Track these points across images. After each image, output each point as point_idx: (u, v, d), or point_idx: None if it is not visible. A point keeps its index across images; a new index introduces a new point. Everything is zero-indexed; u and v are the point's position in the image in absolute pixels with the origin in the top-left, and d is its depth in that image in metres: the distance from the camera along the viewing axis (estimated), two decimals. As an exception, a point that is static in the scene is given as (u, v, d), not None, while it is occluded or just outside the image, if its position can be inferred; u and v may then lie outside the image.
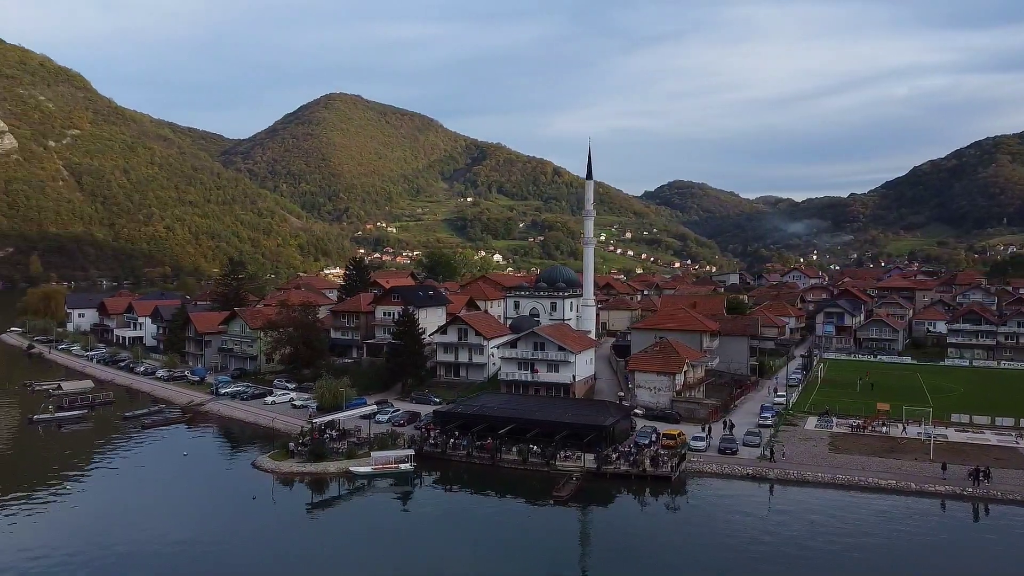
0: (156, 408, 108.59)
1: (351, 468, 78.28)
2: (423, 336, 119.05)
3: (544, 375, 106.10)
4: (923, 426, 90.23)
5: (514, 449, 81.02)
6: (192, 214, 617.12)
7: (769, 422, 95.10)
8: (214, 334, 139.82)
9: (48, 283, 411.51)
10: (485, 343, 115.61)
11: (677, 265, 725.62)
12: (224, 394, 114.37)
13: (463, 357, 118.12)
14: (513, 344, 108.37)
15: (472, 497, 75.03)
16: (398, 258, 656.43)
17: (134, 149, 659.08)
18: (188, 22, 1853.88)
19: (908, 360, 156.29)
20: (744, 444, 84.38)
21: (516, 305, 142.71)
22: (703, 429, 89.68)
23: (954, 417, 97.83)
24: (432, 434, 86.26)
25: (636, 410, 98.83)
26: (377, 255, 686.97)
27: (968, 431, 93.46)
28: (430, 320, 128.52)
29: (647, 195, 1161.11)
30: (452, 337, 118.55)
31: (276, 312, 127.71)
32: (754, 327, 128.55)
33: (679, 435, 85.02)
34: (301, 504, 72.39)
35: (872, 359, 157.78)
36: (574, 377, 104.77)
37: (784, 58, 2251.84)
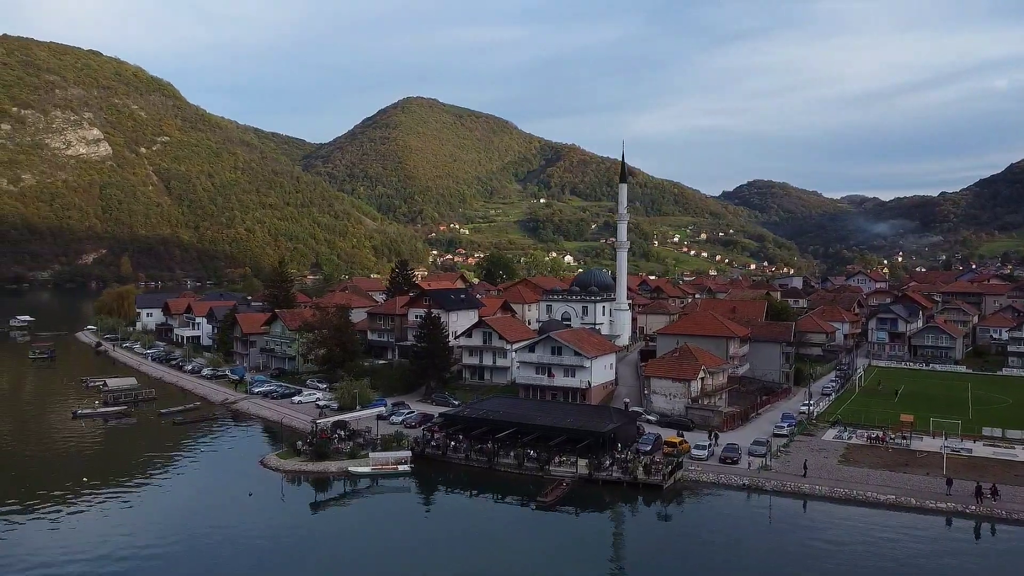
0: (191, 406, 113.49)
1: (350, 468, 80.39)
2: (449, 339, 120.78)
3: (560, 379, 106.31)
4: (945, 439, 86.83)
5: (511, 453, 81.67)
6: (271, 217, 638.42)
7: (784, 431, 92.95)
8: (258, 335, 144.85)
9: (136, 283, 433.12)
10: (508, 347, 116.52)
11: (752, 267, 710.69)
12: (256, 393, 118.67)
13: (487, 360, 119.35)
14: (531, 348, 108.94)
15: (464, 500, 76.14)
16: (469, 259, 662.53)
17: (219, 155, 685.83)
18: (275, 32, 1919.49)
19: (963, 369, 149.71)
20: (749, 454, 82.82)
21: (549, 309, 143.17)
22: (710, 436, 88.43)
23: (985, 431, 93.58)
24: (435, 437, 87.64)
25: (650, 417, 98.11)
26: (449, 256, 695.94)
27: (998, 446, 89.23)
28: (461, 323, 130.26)
29: (725, 195, 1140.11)
30: (477, 340, 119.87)
31: (312, 314, 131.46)
32: (787, 333, 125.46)
33: (680, 443, 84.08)
34: (306, 502, 74.73)
35: (924, 367, 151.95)
36: (590, 383, 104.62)
37: (874, 52, 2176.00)
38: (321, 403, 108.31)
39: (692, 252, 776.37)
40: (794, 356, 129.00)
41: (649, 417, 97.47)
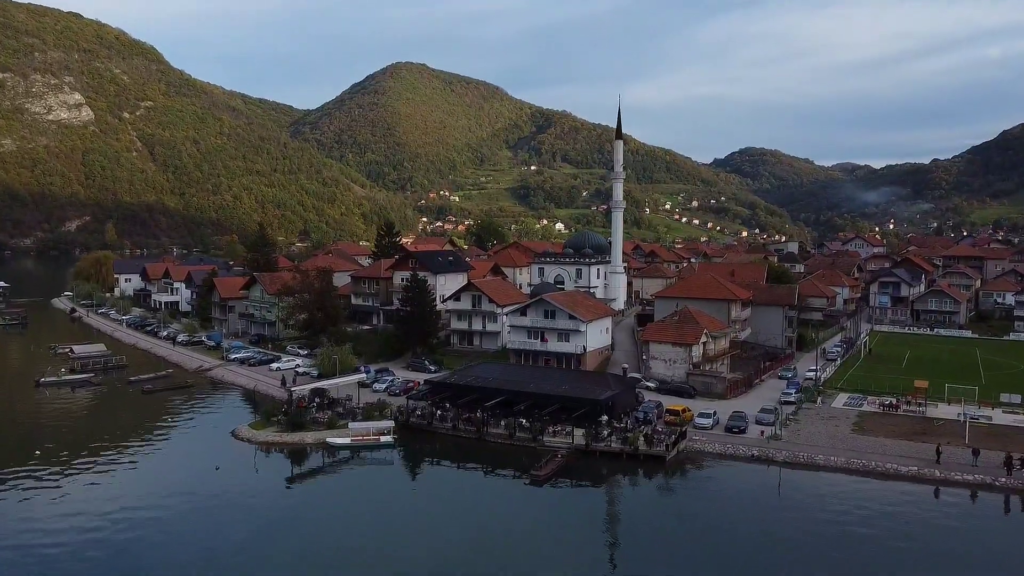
0: (163, 373, 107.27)
1: (328, 439, 74.58)
2: (436, 303, 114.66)
3: (554, 345, 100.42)
4: (963, 406, 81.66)
5: (502, 423, 75.95)
6: (259, 183, 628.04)
7: (792, 398, 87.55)
8: (237, 299, 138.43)
9: (121, 250, 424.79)
10: (499, 311, 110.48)
11: (744, 234, 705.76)
12: (233, 360, 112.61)
13: (476, 325, 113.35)
14: (522, 311, 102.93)
15: (451, 473, 70.50)
16: (460, 227, 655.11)
17: (204, 120, 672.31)
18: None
19: (968, 334, 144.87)
20: (756, 423, 77.35)
21: (541, 272, 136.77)
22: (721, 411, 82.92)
23: (1003, 397, 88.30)
24: (419, 405, 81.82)
25: (649, 383, 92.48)
26: (439, 223, 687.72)
27: (1018, 413, 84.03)
28: (449, 287, 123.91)
29: (716, 163, 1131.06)
30: (465, 304, 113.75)
31: (292, 277, 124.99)
32: (790, 297, 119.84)
33: (684, 411, 78.54)
34: (281, 476, 68.81)
35: (929, 332, 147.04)
36: (584, 348, 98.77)
37: (870, 20, 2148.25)
38: (300, 370, 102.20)
39: (683, 219, 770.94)
40: (796, 321, 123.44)
41: (648, 384, 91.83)
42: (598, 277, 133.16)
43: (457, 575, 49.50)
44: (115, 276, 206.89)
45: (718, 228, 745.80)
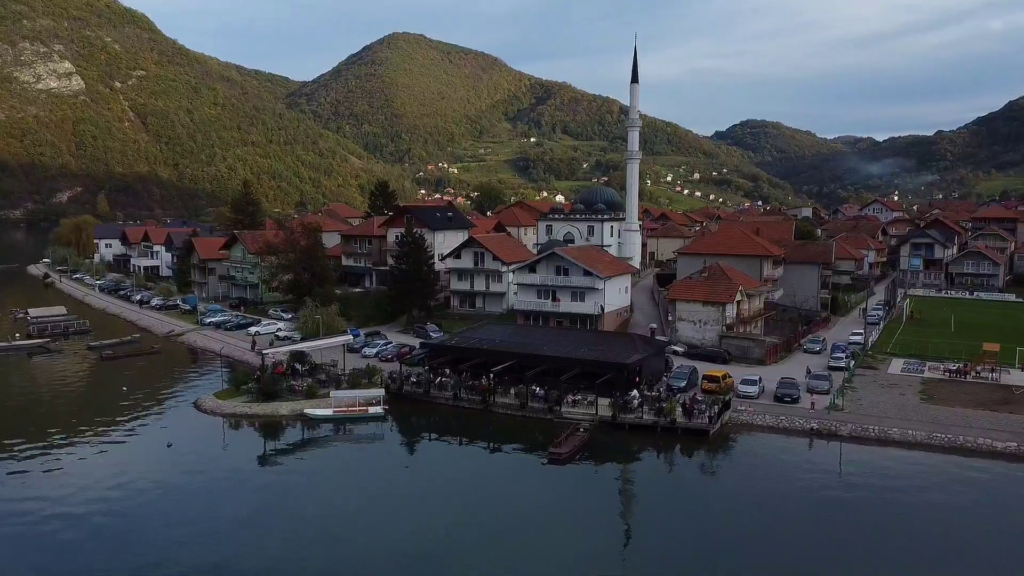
0: (127, 338, 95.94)
1: (307, 411, 63.34)
2: (434, 262, 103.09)
3: (567, 305, 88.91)
4: (1046, 372, 70.54)
5: (512, 391, 64.65)
6: (253, 154, 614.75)
7: (842, 364, 76.28)
8: (217, 260, 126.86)
9: (113, 222, 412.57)
10: (504, 269, 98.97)
11: (747, 205, 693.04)
12: (208, 324, 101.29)
13: (479, 285, 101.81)
14: (532, 268, 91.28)
15: (452, 451, 59.11)
16: (459, 199, 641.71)
17: (197, 90, 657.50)
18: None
19: (1012, 298, 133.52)
20: (809, 391, 66.10)
21: (549, 230, 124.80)
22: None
23: (1083, 362, 77.00)
24: (415, 372, 70.51)
25: (676, 348, 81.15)
26: (438, 196, 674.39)
27: (1105, 379, 72.81)
28: (448, 245, 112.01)
29: (717, 135, 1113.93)
30: (467, 262, 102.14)
31: (276, 234, 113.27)
32: (827, 255, 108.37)
33: (724, 377, 67.24)
34: (252, 454, 57.45)
35: (968, 296, 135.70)
36: (602, 307, 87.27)
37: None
38: (282, 334, 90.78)
39: (685, 191, 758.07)
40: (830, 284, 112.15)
41: (675, 348, 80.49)
42: (612, 235, 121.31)
43: (461, 572, 38.63)
44: (95, 241, 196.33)
45: (720, 200, 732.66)
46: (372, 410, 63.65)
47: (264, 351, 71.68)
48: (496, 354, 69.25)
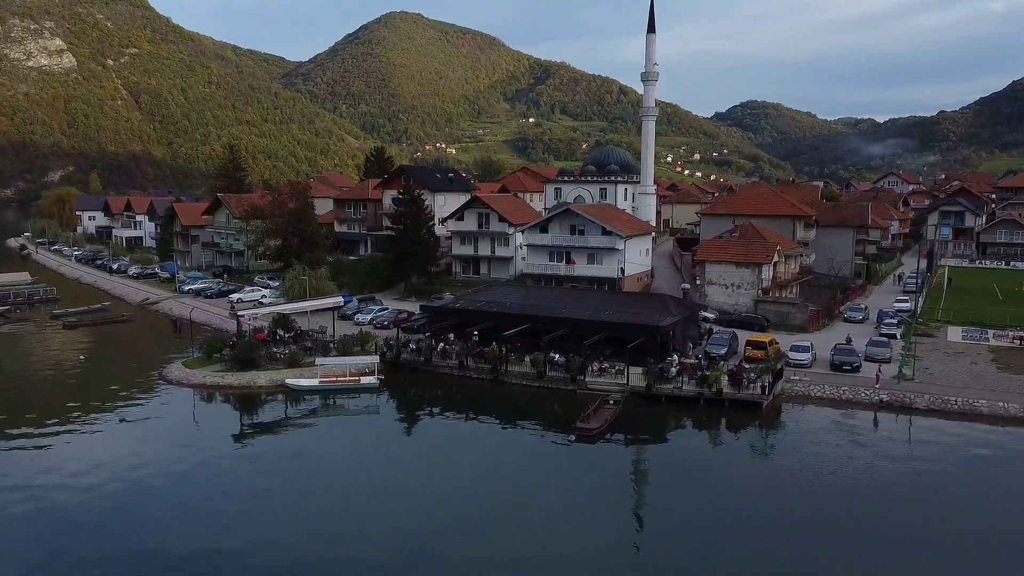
0: (96, 307, 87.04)
1: (288, 381, 54.54)
2: (435, 226, 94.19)
3: (582, 268, 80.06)
4: None
5: (527, 359, 55.85)
6: (249, 133, 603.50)
7: (895, 331, 67.60)
8: (200, 227, 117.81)
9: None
10: (511, 231, 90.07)
11: (757, 180, 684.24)
12: (187, 291, 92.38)
13: (484, 249, 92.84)
14: (542, 227, 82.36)
15: (458, 429, 50.02)
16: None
17: (191, 68, 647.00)
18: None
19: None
20: (869, 359, 57.38)
21: (558, 193, 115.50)
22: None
23: None
24: (414, 339, 61.71)
25: (707, 314, 72.36)
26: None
27: None
28: (450, 209, 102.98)
29: (717, 116, 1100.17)
30: (470, 224, 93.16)
31: (262, 196, 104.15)
32: (862, 217, 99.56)
33: (771, 343, 58.53)
34: (227, 432, 48.60)
35: (1004, 267, 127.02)
36: (622, 270, 78.44)
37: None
38: (266, 301, 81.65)
39: (686, 172, 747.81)
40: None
41: (706, 315, 71.69)
42: (625, 199, 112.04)
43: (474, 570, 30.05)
44: (78, 214, 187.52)
45: (722, 180, 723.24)
46: (365, 380, 54.94)
47: (240, 313, 62.65)
48: (508, 317, 60.37)
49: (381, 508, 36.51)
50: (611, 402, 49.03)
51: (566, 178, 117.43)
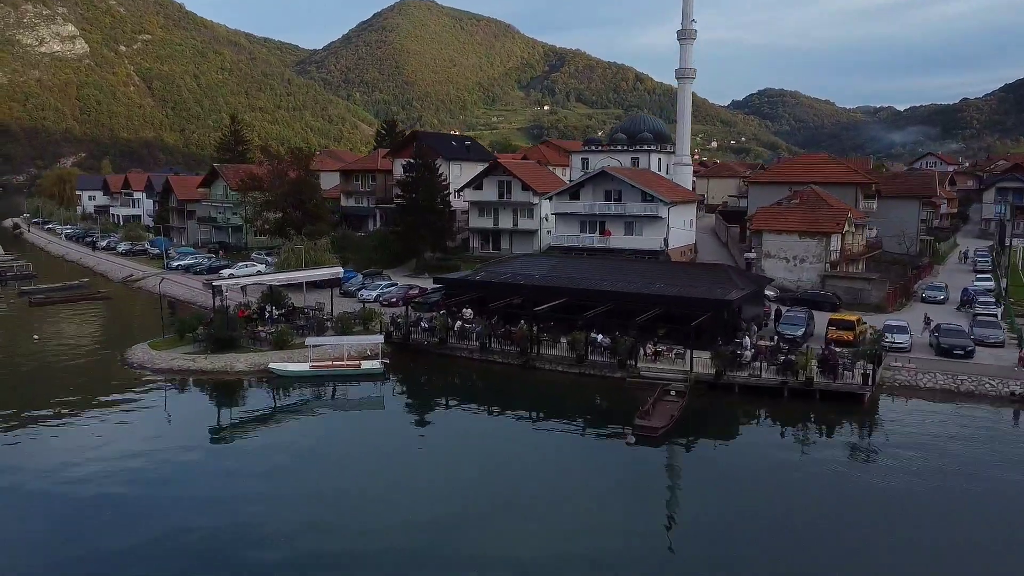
0: (74, 283, 78.01)
1: (272, 366, 44.90)
2: (450, 197, 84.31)
3: (619, 239, 69.94)
4: None
5: (563, 340, 45.94)
6: (261, 120, 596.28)
7: (995, 311, 57.14)
8: (197, 202, 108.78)
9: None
10: (536, 200, 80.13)
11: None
12: (175, 268, 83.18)
13: (504, 222, 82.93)
14: (573, 194, 72.30)
15: (482, 423, 40.22)
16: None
17: (204, 55, 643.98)
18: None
19: None
20: (979, 342, 47.04)
21: (585, 165, 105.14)
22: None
23: None
24: (427, 317, 51.94)
25: (766, 292, 62.18)
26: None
27: None
28: (467, 180, 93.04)
29: (734, 104, 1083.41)
30: (489, 193, 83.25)
31: (260, 164, 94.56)
32: (929, 187, 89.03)
33: (858, 321, 48.39)
34: (203, 427, 38.87)
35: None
36: (666, 241, 68.30)
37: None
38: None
39: (704, 159, 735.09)
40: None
41: (767, 292, 61.48)
42: (659, 169, 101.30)
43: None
44: (78, 193, 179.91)
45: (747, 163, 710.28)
46: (367, 365, 45.26)
47: (216, 282, 52.84)
48: (539, 291, 50.29)
49: (385, 526, 26.88)
50: (672, 393, 39.10)
51: (594, 148, 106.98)
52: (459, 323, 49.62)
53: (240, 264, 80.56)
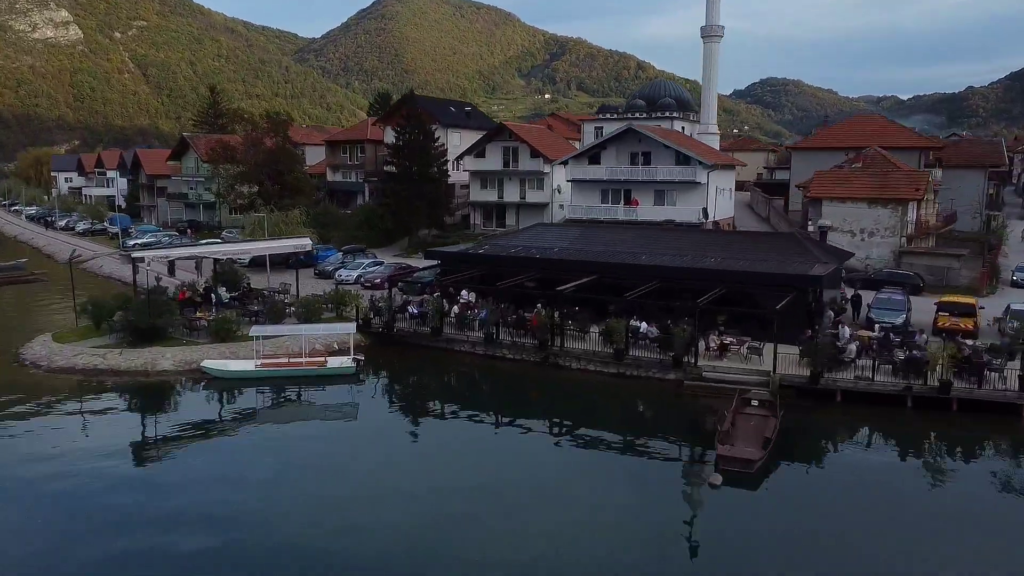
0: (10, 263, 67.29)
1: (205, 364, 33.83)
2: (448, 168, 73.20)
3: (648, 210, 58.69)
4: None
5: (594, 330, 34.89)
6: (259, 108, 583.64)
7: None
8: (167, 177, 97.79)
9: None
10: (548, 169, 69.04)
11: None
12: (130, 247, 72.28)
13: (511, 194, 71.83)
14: (593, 157, 61.13)
15: (485, 442, 29.29)
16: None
17: (201, 41, 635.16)
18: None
19: None
20: None
21: (598, 134, 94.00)
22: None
23: None
24: (415, 301, 40.87)
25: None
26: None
27: None
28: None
29: (736, 93, 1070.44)
30: (493, 162, 72.09)
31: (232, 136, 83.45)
32: (998, 155, 77.86)
33: (974, 305, 37.43)
34: (121, 443, 27.99)
35: None
36: (705, 212, 57.12)
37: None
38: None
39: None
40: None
41: (832, 271, 50.40)
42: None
43: None
44: (53, 175, 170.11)
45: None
46: (335, 362, 34.23)
47: (134, 254, 41.68)
48: (561, 266, 39.24)
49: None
50: (754, 403, 28.00)
51: (609, 115, 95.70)
52: (457, 307, 38.52)
53: (205, 242, 69.40)
